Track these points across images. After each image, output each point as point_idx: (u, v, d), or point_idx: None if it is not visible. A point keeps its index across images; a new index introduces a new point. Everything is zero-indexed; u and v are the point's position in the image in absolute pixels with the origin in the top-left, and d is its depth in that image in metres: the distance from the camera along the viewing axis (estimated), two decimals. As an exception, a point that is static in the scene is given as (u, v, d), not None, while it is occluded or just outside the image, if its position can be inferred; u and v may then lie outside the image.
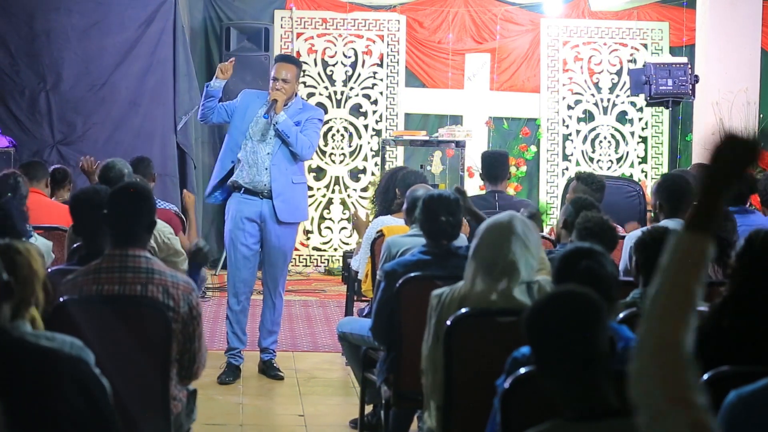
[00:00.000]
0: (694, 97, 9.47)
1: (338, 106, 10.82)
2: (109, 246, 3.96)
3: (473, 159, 9.75)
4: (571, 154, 11.01)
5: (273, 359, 6.71)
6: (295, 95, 6.62)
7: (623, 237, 5.46)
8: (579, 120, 11.01)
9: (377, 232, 6.06)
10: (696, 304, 1.97)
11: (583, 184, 6.24)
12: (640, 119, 11.05)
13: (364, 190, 10.71)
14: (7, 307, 2.45)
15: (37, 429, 2.31)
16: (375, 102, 10.85)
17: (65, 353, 2.44)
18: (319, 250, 10.80)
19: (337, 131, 10.84)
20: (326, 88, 10.80)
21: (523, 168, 10.85)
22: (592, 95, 11.01)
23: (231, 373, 6.52)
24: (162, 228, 5.35)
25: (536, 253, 3.93)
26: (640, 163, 11.05)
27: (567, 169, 10.92)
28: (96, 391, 2.35)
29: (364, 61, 10.83)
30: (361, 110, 10.86)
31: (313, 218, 10.72)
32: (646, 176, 10.90)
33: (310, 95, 10.71)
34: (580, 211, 4.96)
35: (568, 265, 3.27)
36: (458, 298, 3.94)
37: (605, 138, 11.05)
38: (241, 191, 6.54)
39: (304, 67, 10.61)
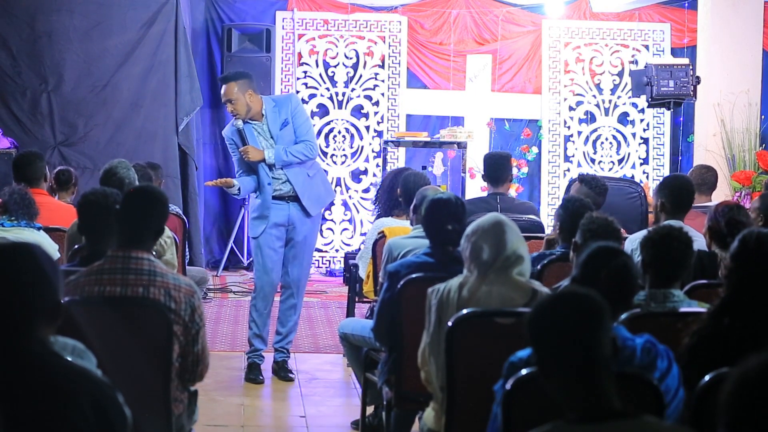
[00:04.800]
0: (695, 98, 9.45)
1: (340, 108, 10.82)
2: (112, 246, 3.96)
3: (475, 160, 9.75)
4: (573, 156, 11.01)
5: (287, 359, 6.71)
6: (253, 103, 6.47)
7: (625, 238, 5.44)
8: (580, 121, 11.01)
9: (378, 233, 6.06)
10: None
11: (587, 186, 6.20)
12: (642, 120, 11.04)
13: (366, 191, 10.72)
14: (51, 329, 2.42)
15: None
16: (376, 103, 10.84)
17: (95, 376, 2.39)
18: (320, 251, 10.79)
19: (339, 132, 10.84)
20: (327, 89, 10.80)
21: (525, 169, 10.85)
22: (594, 96, 11.00)
23: (259, 372, 6.55)
24: (167, 234, 5.33)
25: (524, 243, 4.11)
26: (641, 164, 11.05)
27: (569, 170, 10.91)
28: (116, 421, 2.31)
29: (365, 63, 10.83)
30: (362, 111, 10.86)
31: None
32: (647, 177, 10.90)
33: (312, 96, 10.72)
34: (572, 214, 4.96)
35: (597, 264, 3.31)
36: (457, 287, 4.00)
37: (606, 139, 11.04)
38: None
39: (306, 68, 10.65)
